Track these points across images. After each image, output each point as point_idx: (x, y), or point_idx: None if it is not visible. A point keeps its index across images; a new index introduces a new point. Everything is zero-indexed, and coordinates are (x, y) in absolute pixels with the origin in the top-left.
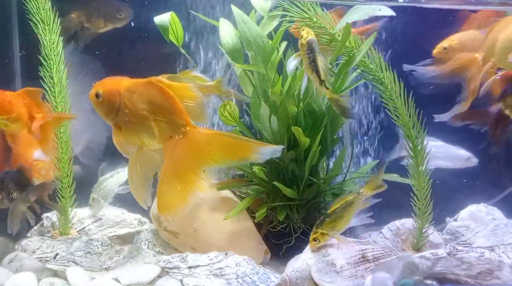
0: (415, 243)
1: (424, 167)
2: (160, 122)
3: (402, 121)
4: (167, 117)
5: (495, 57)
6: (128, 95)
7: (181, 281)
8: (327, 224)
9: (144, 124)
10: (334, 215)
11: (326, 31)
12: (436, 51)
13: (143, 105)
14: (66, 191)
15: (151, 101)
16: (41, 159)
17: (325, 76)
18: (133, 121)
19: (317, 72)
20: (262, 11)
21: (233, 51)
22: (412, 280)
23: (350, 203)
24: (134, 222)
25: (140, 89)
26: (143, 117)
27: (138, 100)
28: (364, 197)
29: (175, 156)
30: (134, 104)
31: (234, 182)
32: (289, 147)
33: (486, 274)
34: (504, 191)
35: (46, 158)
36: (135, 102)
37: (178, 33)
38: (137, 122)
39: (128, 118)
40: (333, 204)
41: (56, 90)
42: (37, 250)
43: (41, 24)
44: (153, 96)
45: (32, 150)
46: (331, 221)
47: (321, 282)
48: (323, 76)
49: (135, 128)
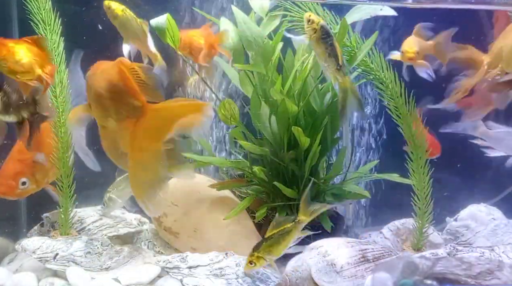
0: (415, 243)
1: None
2: (117, 103)
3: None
4: (124, 99)
5: (504, 62)
6: (91, 75)
7: (181, 281)
8: (264, 248)
9: (103, 105)
10: (271, 240)
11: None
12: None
13: (102, 85)
14: (66, 191)
15: (109, 82)
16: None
17: (343, 62)
18: (94, 101)
19: (335, 57)
20: (261, 11)
21: (234, 51)
22: (412, 280)
23: (288, 230)
24: (134, 222)
25: (101, 70)
26: (102, 97)
27: (98, 81)
28: (302, 225)
29: (137, 136)
30: (94, 85)
31: (234, 182)
32: (289, 147)
33: (486, 274)
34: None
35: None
36: (95, 83)
37: (174, 35)
38: (97, 102)
39: (90, 98)
40: (270, 229)
41: (57, 90)
42: (37, 250)
43: (42, 24)
44: (111, 77)
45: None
46: (268, 246)
47: (321, 282)
48: (341, 61)
49: (96, 108)
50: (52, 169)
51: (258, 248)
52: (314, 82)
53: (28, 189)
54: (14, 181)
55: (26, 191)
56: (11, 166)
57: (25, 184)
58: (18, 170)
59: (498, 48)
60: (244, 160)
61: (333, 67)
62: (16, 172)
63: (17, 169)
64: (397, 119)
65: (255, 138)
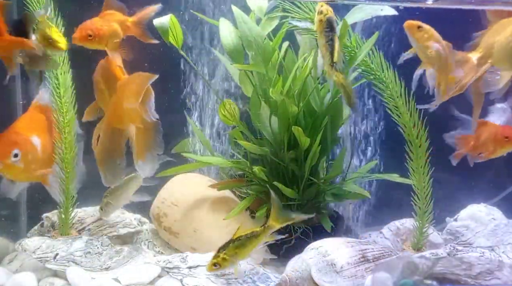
0: (415, 243)
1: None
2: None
3: (403, 120)
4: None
5: (493, 58)
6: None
7: (181, 281)
8: (230, 250)
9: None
10: (238, 242)
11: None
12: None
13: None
14: (66, 191)
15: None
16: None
17: (338, 59)
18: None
19: (331, 53)
20: (260, 12)
21: (234, 51)
22: (412, 280)
23: (256, 234)
24: (134, 222)
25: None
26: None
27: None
28: (271, 230)
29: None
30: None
31: (234, 182)
32: (289, 147)
33: (486, 274)
34: (504, 191)
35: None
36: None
37: (177, 35)
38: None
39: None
40: (237, 231)
41: (61, 91)
42: (37, 250)
43: None
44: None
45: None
46: (234, 248)
47: (321, 282)
48: (336, 57)
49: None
50: (44, 158)
51: (224, 249)
52: (314, 82)
53: (16, 166)
54: (8, 148)
55: (13, 167)
56: (7, 136)
57: (16, 156)
58: (13, 140)
59: (489, 43)
60: (244, 160)
61: (327, 62)
62: (11, 141)
63: (12, 139)
64: (397, 120)
65: (255, 138)
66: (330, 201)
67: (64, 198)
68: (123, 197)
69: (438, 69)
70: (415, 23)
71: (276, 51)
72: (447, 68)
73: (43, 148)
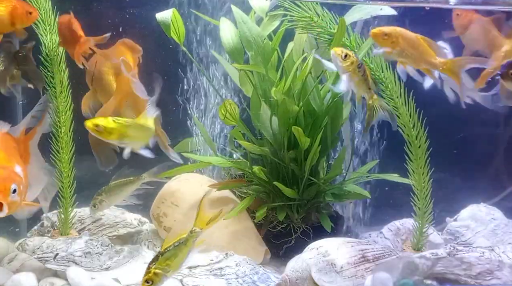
0: (415, 243)
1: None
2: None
3: (403, 121)
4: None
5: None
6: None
7: (181, 281)
8: (160, 263)
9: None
10: (168, 253)
11: (326, 31)
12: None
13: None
14: (66, 191)
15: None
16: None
17: (372, 86)
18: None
19: (367, 81)
20: (261, 12)
21: (234, 51)
22: (412, 280)
23: (183, 241)
24: (134, 222)
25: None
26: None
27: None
28: (198, 234)
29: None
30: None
31: (234, 182)
32: (289, 147)
33: (486, 274)
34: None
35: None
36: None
37: (179, 30)
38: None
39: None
40: (165, 242)
41: (58, 90)
42: (37, 250)
43: (42, 24)
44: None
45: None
46: (165, 259)
47: (321, 282)
48: (371, 83)
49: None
50: (26, 185)
51: (154, 263)
52: (314, 82)
53: (15, 201)
54: (6, 184)
55: (14, 203)
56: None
57: (15, 191)
58: (6, 176)
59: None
60: (244, 159)
61: (366, 89)
62: (5, 177)
63: (4, 175)
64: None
65: (255, 138)
66: (330, 201)
67: (63, 198)
68: (118, 197)
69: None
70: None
71: (276, 51)
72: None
73: (25, 175)
